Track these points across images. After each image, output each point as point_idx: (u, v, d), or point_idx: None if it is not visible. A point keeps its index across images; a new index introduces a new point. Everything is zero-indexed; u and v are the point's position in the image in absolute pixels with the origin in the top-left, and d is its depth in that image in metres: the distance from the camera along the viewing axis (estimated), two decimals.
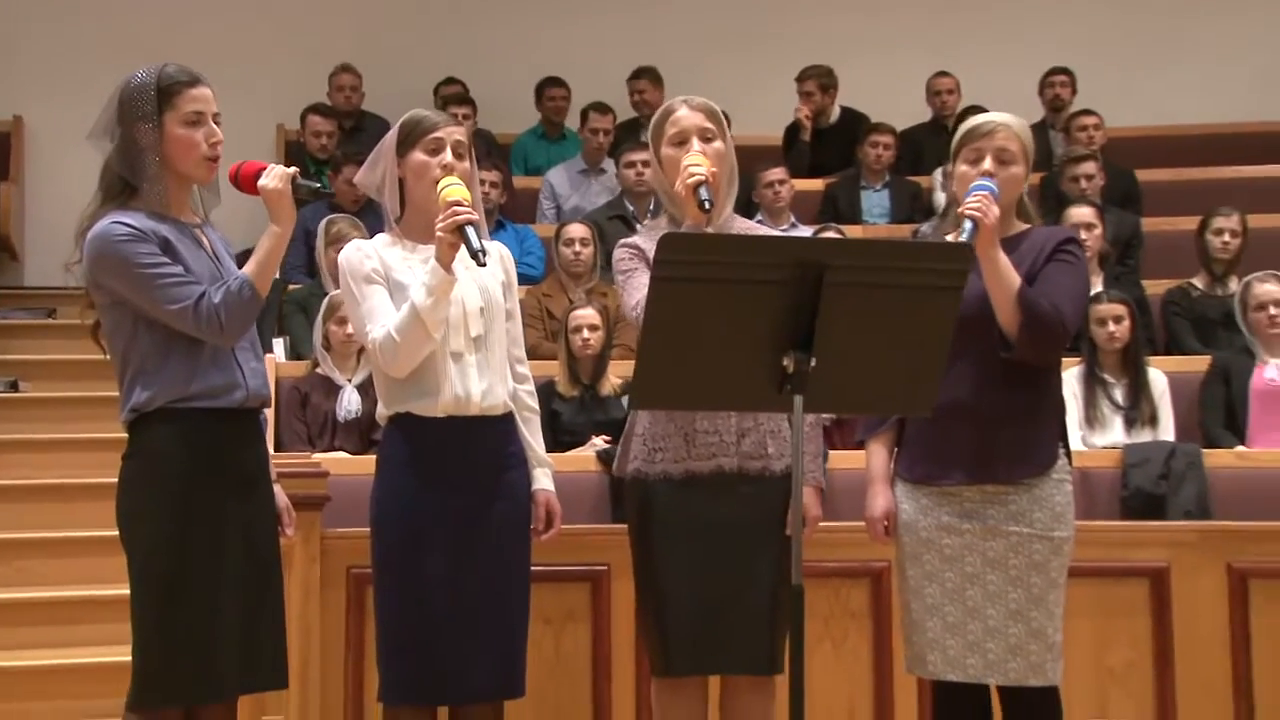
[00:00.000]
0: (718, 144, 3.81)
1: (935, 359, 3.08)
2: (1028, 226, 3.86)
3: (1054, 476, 3.74)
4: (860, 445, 4.10)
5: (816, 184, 8.53)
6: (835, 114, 9.20)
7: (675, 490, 3.78)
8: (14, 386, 7.27)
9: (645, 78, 9.23)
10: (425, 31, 9.73)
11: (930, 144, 8.91)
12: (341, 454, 5.60)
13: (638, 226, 7.54)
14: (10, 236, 9.16)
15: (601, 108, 8.69)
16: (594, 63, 9.46)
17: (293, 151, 8.68)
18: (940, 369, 3.13)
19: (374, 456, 5.39)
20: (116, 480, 3.46)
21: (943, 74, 9.22)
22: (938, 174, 8.24)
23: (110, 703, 4.49)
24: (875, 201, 8.33)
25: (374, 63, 9.25)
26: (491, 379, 3.77)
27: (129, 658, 4.20)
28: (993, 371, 3.64)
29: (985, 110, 8.34)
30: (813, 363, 2.91)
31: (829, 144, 8.95)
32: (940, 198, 8.02)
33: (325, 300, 5.98)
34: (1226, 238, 6.85)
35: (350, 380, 5.94)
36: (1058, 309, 3.64)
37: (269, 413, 3.96)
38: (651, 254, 3.77)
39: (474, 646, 3.71)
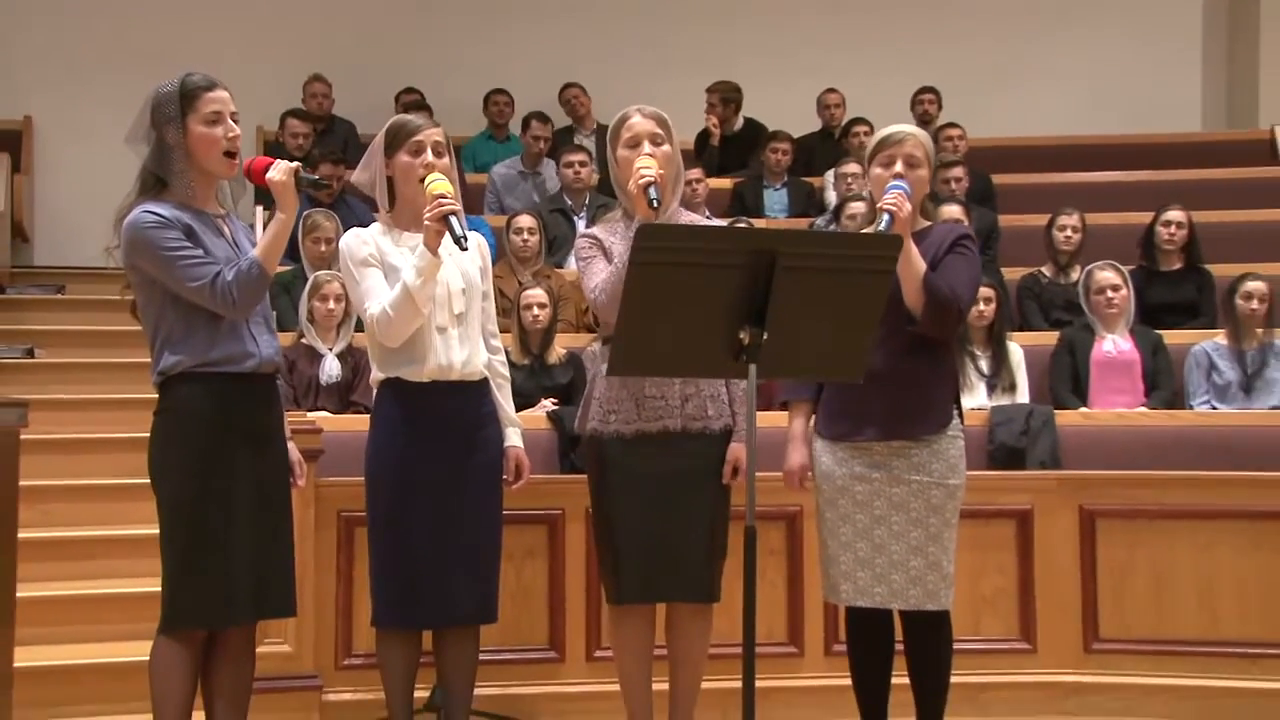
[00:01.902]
0: (666, 147, 3.77)
1: (868, 332, 3.09)
2: (929, 223, 3.88)
3: (949, 434, 3.77)
4: (780, 407, 4.11)
5: (725, 183, 8.49)
6: (739, 123, 9.19)
7: (627, 446, 3.77)
8: (30, 353, 7.13)
9: (575, 87, 9.21)
10: (387, 47, 9.63)
11: (821, 150, 8.95)
12: (324, 413, 5.52)
13: (575, 219, 7.54)
14: (23, 222, 9.03)
15: (542, 118, 8.63)
16: (531, 73, 9.41)
17: (271, 151, 8.51)
18: (872, 341, 3.14)
19: (355, 415, 5.44)
20: (148, 434, 3.46)
21: (831, 90, 9.23)
22: (828, 175, 8.24)
23: (131, 627, 4.49)
24: (776, 199, 8.32)
25: (342, 73, 9.14)
26: (470, 350, 3.76)
27: (146, 589, 4.17)
28: (900, 344, 3.65)
29: (868, 121, 8.50)
30: (765, 335, 2.92)
31: (733, 149, 8.94)
32: (831, 195, 8.03)
33: (309, 281, 5.90)
34: (1069, 233, 6.89)
35: (331, 349, 5.85)
36: (955, 292, 3.66)
37: None
38: (608, 244, 3.80)
39: (454, 579, 3.71)
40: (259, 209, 7.19)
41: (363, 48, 9.54)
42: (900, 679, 3.88)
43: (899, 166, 3.71)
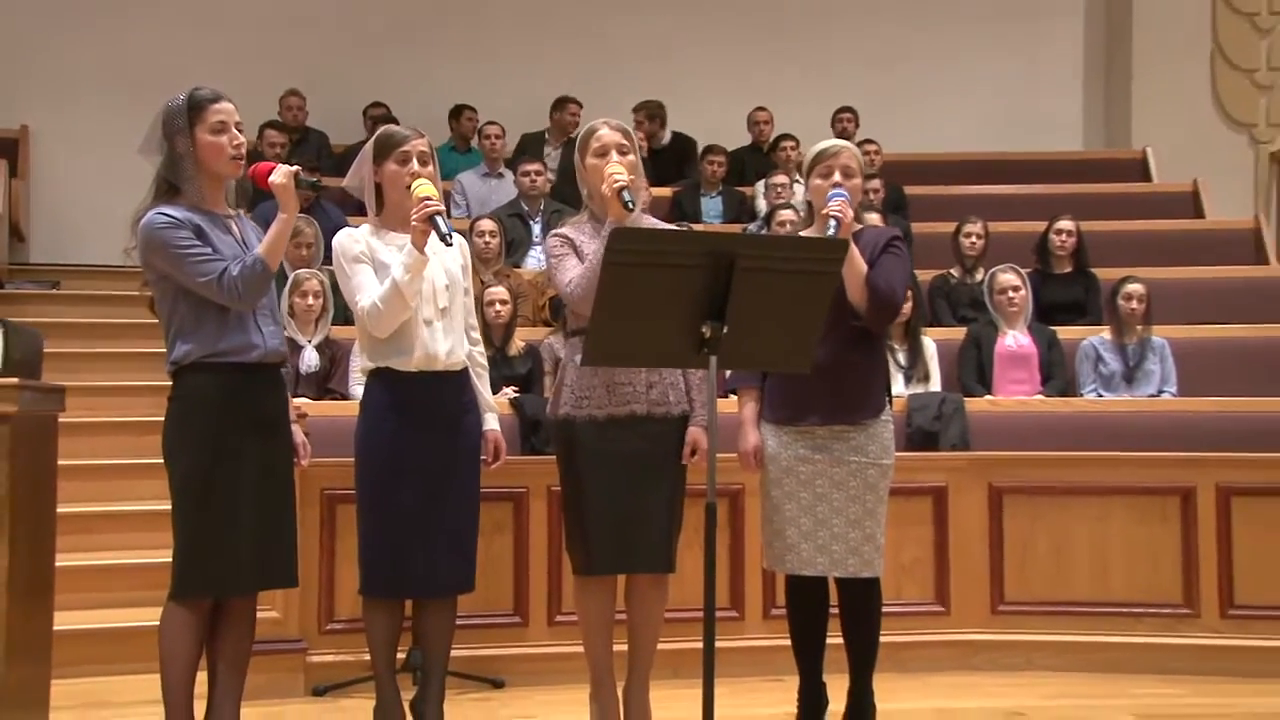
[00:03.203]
0: (630, 157, 3.71)
1: (816, 327, 3.06)
2: (861, 226, 3.88)
3: (882, 419, 3.77)
4: (728, 394, 4.08)
5: (665, 191, 8.40)
6: (667, 137, 9.15)
7: (597, 429, 3.70)
8: None
9: (572, 103, 8.99)
10: (357, 64, 9.45)
11: (751, 162, 8.89)
12: (304, 399, 5.41)
13: (530, 223, 7.48)
14: (19, 222, 8.86)
15: (492, 124, 8.55)
16: (488, 89, 9.27)
17: (250, 159, 8.36)
18: (818, 335, 3.11)
19: (334, 401, 5.35)
20: (140, 418, 3.42)
21: (760, 109, 9.20)
22: (759, 185, 8.20)
23: (133, 595, 4.45)
24: (711, 206, 8.25)
25: (315, 88, 9.02)
26: (453, 341, 3.70)
27: (140, 560, 4.04)
28: (839, 339, 3.63)
29: (794, 137, 8.48)
30: (725, 330, 2.88)
31: (665, 160, 8.87)
32: (761, 204, 8.00)
33: (290, 279, 5.77)
34: (974, 239, 6.91)
35: (310, 341, 5.74)
36: (893, 289, 3.67)
37: None
38: (578, 243, 3.74)
39: (438, 552, 3.65)
40: (240, 212, 7.05)
41: (334, 65, 9.37)
42: (834, 639, 3.88)
43: (837, 176, 3.71)
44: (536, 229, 7.41)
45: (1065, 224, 6.93)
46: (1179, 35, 9.86)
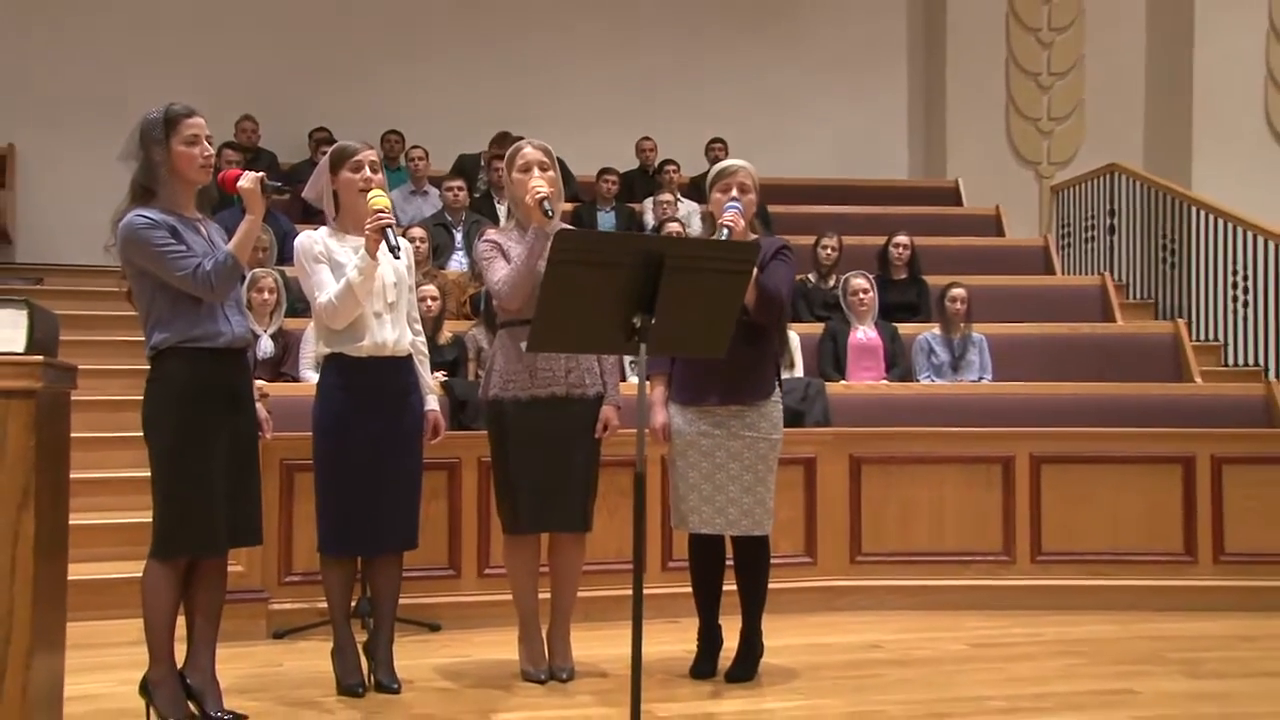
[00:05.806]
0: (550, 173, 3.58)
1: (730, 318, 2.92)
2: (756, 236, 3.75)
3: (773, 399, 3.67)
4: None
5: (566, 206, 8.14)
6: None
7: (522, 409, 3.56)
8: None
9: (520, 138, 8.58)
10: (302, 94, 9.02)
11: (639, 183, 8.71)
12: (261, 382, 5.09)
13: (453, 232, 7.21)
14: (6, 227, 8.53)
15: (416, 148, 8.25)
16: (418, 116, 8.89)
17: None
18: (733, 325, 2.96)
19: (289, 383, 5.06)
20: (118, 397, 3.13)
21: (646, 138, 9.02)
22: (648, 202, 8.03)
23: (117, 550, 4.21)
24: (606, 220, 8.04)
25: (267, 114, 8.61)
26: (399, 332, 3.49)
27: (119, 520, 3.72)
28: (737, 332, 3.47)
29: (675, 162, 8.31)
30: (653, 321, 2.72)
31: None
32: (650, 218, 7.83)
33: (248, 277, 5.43)
34: (829, 250, 6.84)
35: (266, 330, 5.44)
36: (779, 290, 3.56)
37: None
38: (505, 246, 3.58)
39: (385, 515, 3.44)
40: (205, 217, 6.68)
41: (283, 94, 8.96)
42: (728, 587, 3.76)
43: (734, 192, 3.59)
44: (459, 236, 7.15)
45: (902, 239, 6.91)
46: (981, 90, 10.07)
